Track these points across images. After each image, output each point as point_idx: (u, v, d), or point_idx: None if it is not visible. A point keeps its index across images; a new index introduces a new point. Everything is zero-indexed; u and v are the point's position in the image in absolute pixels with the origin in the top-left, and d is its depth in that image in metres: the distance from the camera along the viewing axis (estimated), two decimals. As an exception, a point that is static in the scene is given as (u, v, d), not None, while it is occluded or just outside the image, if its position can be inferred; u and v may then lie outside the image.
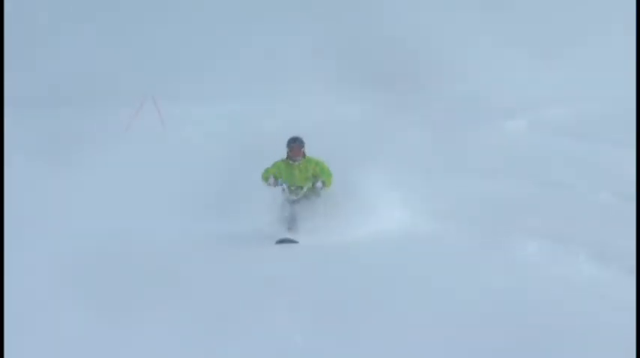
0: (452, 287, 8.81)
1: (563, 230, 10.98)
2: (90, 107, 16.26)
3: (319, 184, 12.11)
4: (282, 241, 11.59)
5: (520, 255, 10.38)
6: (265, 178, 12.27)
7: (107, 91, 16.96)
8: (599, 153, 13.28)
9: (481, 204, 11.83)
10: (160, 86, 16.73)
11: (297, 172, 12.22)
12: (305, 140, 12.00)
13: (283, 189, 12.28)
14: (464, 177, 12.77)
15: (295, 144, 12.27)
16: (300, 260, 9.84)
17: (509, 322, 7.98)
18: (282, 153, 11.99)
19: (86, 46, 19.57)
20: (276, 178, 12.25)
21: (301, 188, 12.27)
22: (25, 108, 15.74)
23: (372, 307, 7.87)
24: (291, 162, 12.28)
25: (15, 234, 9.34)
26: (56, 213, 10.85)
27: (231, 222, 11.22)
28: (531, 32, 17.10)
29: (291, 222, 11.90)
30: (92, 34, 19.93)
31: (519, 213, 11.59)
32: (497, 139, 14.09)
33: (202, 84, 17.76)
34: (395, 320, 7.63)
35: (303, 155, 12.32)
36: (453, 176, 12.80)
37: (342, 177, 11.60)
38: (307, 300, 7.93)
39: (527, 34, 17.05)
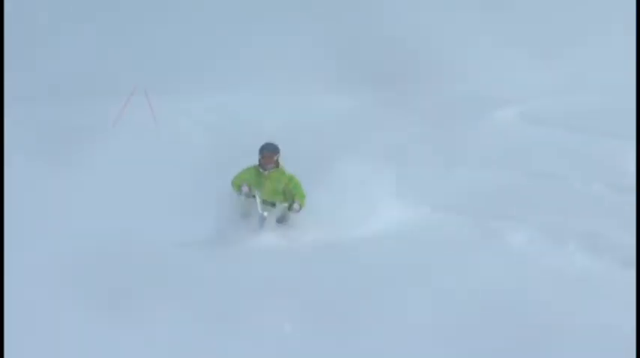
0: (449, 285, 8.91)
1: (555, 221, 11.09)
2: (90, 106, 16.20)
3: (297, 206, 11.13)
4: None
5: (514, 248, 10.54)
6: (237, 186, 11.28)
7: (107, 91, 16.91)
8: (593, 144, 13.32)
9: (477, 197, 11.88)
10: (158, 82, 16.64)
11: (268, 183, 11.25)
12: (300, 139, 11.73)
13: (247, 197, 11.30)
14: (459, 170, 12.78)
15: (267, 152, 11.22)
16: (301, 259, 9.77)
17: (506, 319, 8.09)
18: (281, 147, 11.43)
19: (86, 45, 19.56)
20: (249, 186, 11.21)
21: (273, 204, 11.30)
22: (25, 107, 15.66)
23: (373, 307, 7.93)
24: (261, 170, 11.26)
25: (15, 234, 9.31)
26: (56, 212, 10.76)
27: (230, 221, 11.06)
28: (530, 30, 17.09)
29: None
30: (92, 34, 19.93)
31: (513, 204, 11.67)
32: (491, 131, 14.09)
33: (201, 82, 17.71)
34: (394, 319, 7.64)
35: (276, 164, 11.32)
36: (449, 170, 12.79)
37: (343, 176, 11.44)
38: (307, 300, 7.97)
39: (524, 31, 17.05)
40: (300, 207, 11.09)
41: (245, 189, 11.11)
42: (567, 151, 13.13)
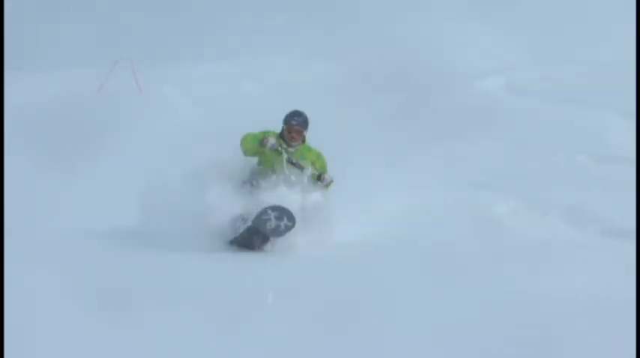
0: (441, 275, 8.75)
1: (538, 192, 11.27)
2: (78, 78, 16.01)
3: (328, 178, 9.26)
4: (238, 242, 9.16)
5: (498, 220, 10.73)
6: (252, 142, 9.20)
7: (94, 63, 16.73)
8: (577, 115, 13.51)
9: (459, 169, 12.03)
10: (144, 51, 16.57)
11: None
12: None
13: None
14: (442, 143, 12.75)
15: (297, 125, 9.19)
16: (307, 260, 9.45)
17: (492, 297, 7.97)
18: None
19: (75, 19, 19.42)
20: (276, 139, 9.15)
21: (300, 168, 9.23)
22: (24, 105, 15.39)
23: (381, 308, 7.67)
24: (284, 145, 9.24)
25: (15, 232, 9.18)
26: (57, 211, 10.70)
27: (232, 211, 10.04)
28: (515, 3, 16.95)
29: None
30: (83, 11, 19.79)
31: (498, 176, 11.86)
32: (473, 102, 14.08)
33: (188, 50, 17.60)
34: (404, 319, 7.36)
35: (303, 140, 9.38)
36: (432, 144, 12.69)
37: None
38: (310, 301, 7.77)
39: (509, 5, 16.93)
40: (331, 180, 9.32)
41: (271, 141, 9.10)
42: (551, 122, 13.34)
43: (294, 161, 9.32)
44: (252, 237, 9.33)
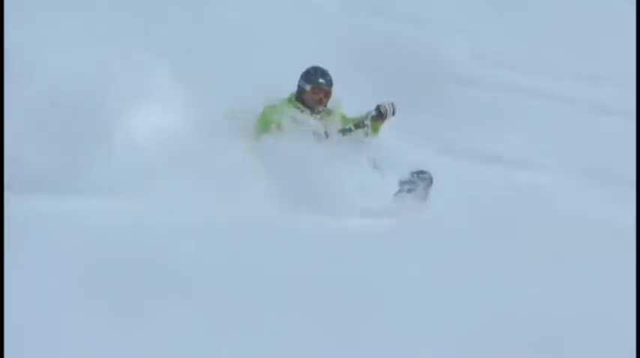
0: None
1: (408, 122, 11.49)
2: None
3: (390, 107, 7.44)
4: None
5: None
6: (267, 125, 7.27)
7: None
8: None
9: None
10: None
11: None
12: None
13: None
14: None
15: (324, 85, 7.41)
16: (312, 256, 9.02)
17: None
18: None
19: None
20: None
21: (362, 125, 7.47)
22: (25, 100, 13.83)
23: (386, 305, 7.61)
24: (301, 109, 7.47)
25: (16, 231, 8.93)
26: (58, 208, 10.05)
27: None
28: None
29: None
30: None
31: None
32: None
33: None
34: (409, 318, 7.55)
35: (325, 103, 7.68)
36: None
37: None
38: (320, 299, 7.67)
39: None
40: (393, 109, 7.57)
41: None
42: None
43: (347, 126, 7.51)
44: None
